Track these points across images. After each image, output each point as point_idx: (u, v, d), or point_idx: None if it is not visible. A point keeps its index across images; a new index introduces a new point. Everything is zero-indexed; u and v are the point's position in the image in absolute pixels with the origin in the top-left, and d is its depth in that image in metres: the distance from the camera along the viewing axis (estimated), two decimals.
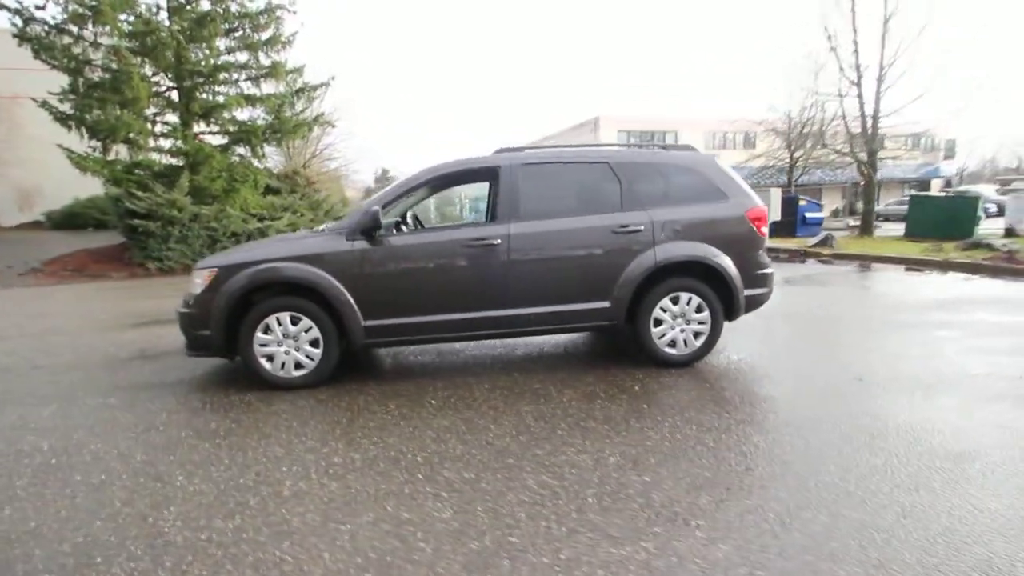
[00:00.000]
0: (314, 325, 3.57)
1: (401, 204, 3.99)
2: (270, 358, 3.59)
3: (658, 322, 3.85)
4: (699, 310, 3.87)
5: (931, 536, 1.86)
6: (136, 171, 14.42)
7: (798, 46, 23.45)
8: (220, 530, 2.03)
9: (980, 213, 14.04)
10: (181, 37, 13.64)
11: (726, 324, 3.96)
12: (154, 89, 14.41)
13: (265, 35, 16.06)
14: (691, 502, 2.12)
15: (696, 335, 3.89)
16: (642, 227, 3.77)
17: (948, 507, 2.04)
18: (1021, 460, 2.40)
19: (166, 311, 7.22)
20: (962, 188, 29.83)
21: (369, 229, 3.57)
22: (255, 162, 16.61)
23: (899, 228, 15.03)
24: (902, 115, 14.91)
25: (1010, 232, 12.98)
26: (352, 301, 3.56)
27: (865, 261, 10.31)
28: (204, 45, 14.57)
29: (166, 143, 15.37)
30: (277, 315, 3.55)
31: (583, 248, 3.78)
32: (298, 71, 16.89)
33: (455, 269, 3.69)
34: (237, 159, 16.13)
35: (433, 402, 3.34)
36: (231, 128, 15.80)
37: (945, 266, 8.87)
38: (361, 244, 3.59)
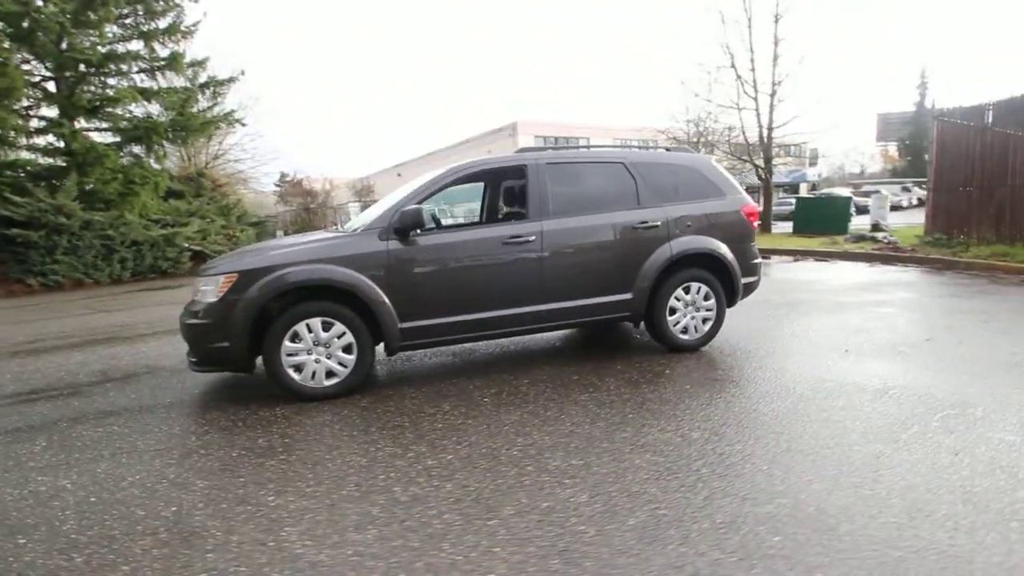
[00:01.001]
0: (348, 330, 3.39)
1: (429, 203, 3.91)
2: (298, 368, 3.35)
3: (672, 311, 4.13)
4: (706, 298, 4.21)
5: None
6: (8, 172, 12.38)
7: (694, 62, 25.72)
8: (362, 542, 1.91)
9: (851, 211, 16.40)
10: (65, 21, 11.93)
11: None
12: (28, 79, 12.47)
13: (163, 23, 14.57)
14: (788, 461, 2.36)
15: (704, 321, 4.23)
16: (659, 223, 4.03)
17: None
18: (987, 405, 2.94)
19: (90, 329, 6.37)
20: (826, 191, 34.23)
21: (406, 229, 3.47)
22: (154, 163, 14.95)
23: (786, 225, 17.04)
24: (787, 127, 16.98)
25: (876, 227, 15.22)
26: (389, 303, 3.43)
27: (779, 254, 11.61)
28: (93, 31, 12.86)
29: (43, 140, 13.36)
30: (307, 321, 3.33)
31: (608, 243, 3.95)
32: (200, 64, 15.52)
33: (492, 266, 3.69)
34: (132, 160, 14.42)
35: (486, 400, 3.32)
36: (125, 125, 14.11)
37: (846, 256, 10.27)
38: (395, 244, 3.47)
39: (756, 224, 4.44)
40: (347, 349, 3.42)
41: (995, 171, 9.57)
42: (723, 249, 4.19)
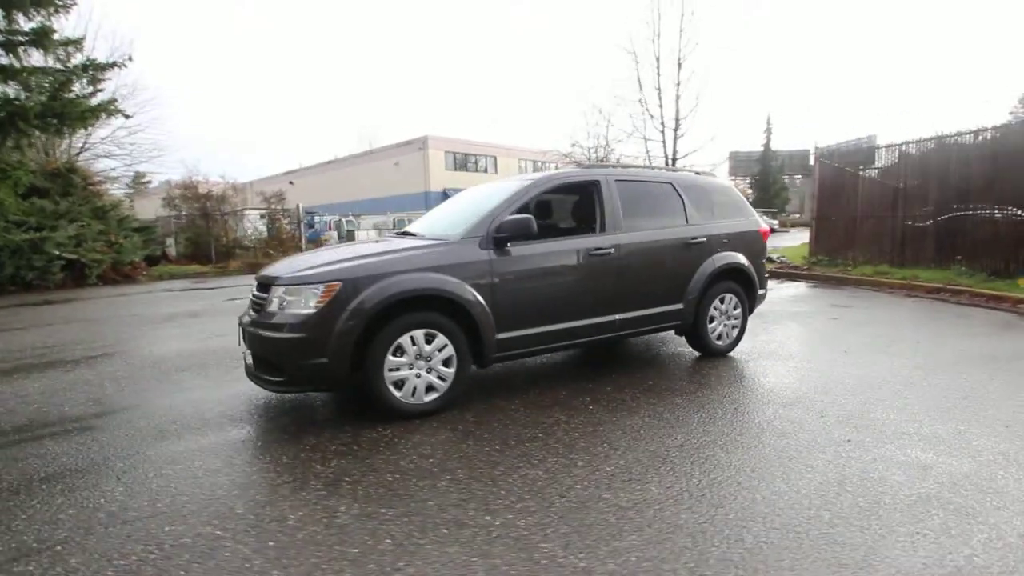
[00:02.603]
0: (449, 342, 3.22)
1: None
2: (398, 384, 3.11)
3: (711, 319, 4.50)
4: (735, 307, 4.66)
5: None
6: None
7: (604, 93, 27.79)
8: (632, 547, 1.88)
9: None
10: None
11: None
12: None
13: None
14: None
15: (733, 328, 4.67)
16: (704, 239, 4.39)
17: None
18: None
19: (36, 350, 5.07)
20: None
21: (506, 239, 3.40)
22: (14, 155, 12.47)
23: None
24: (687, 159, 19.07)
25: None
26: (491, 313, 3.32)
27: None
28: None
29: None
30: (411, 333, 3.10)
31: (668, 257, 4.21)
32: (76, 43, 13.35)
33: (579, 277, 3.74)
34: None
35: (591, 407, 3.35)
36: None
37: None
38: (494, 254, 3.39)
39: (767, 243, 5.03)
40: (447, 362, 3.24)
41: (863, 204, 11.72)
42: (749, 264, 4.68)
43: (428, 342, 3.16)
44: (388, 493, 2.30)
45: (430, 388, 3.22)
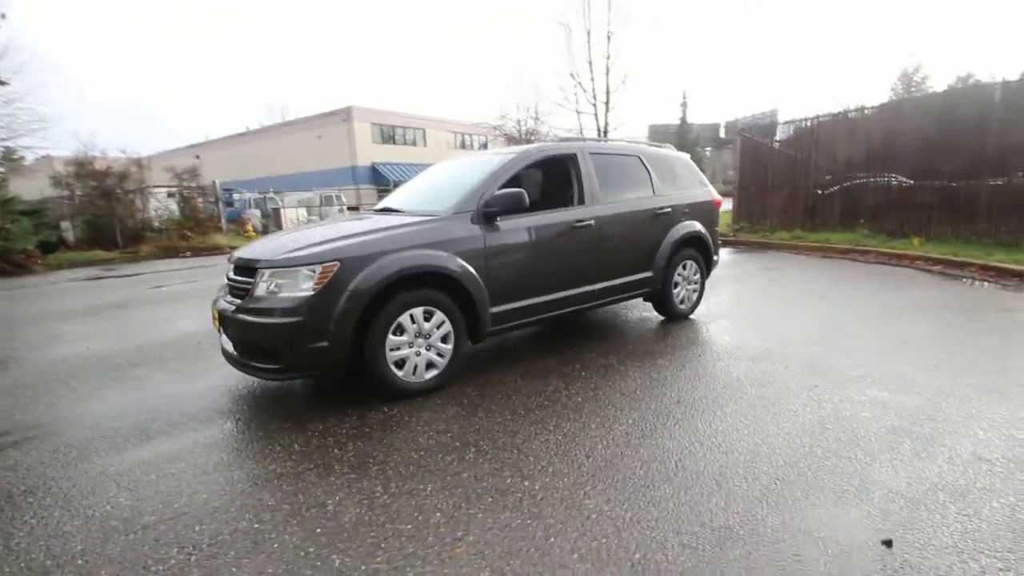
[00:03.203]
0: (447, 319, 3.22)
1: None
2: (398, 364, 3.07)
3: (675, 285, 4.79)
4: (695, 273, 4.98)
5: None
6: None
7: (536, 66, 27.72)
8: (661, 497, 2.05)
9: None
10: None
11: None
12: None
13: None
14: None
15: (693, 292, 5.00)
16: (670, 209, 4.63)
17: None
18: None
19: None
20: None
21: (496, 213, 3.40)
22: None
23: None
24: (615, 133, 19.65)
25: None
26: (484, 288, 3.34)
27: None
28: None
29: None
30: (411, 311, 3.06)
31: (640, 227, 4.40)
32: None
33: (563, 249, 3.82)
34: None
35: (584, 374, 3.50)
36: None
37: None
38: (484, 228, 3.38)
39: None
40: (445, 339, 3.24)
41: (775, 174, 12.73)
42: (706, 232, 5.00)
43: (427, 319, 3.14)
44: (420, 470, 2.32)
45: (430, 365, 3.21)
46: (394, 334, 3.02)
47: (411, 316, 3.07)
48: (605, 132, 18.89)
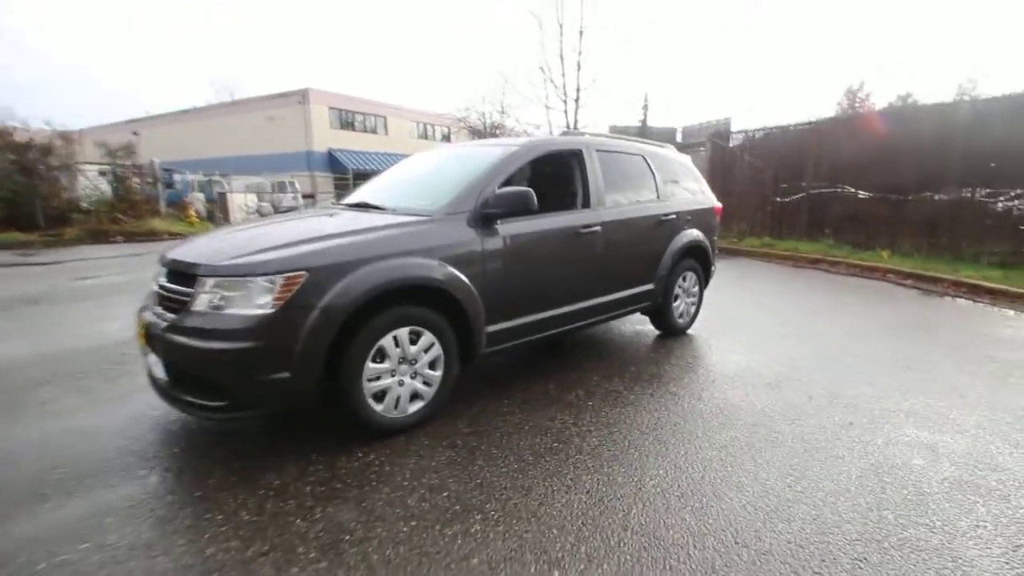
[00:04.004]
0: (436, 341, 2.67)
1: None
2: (378, 396, 2.51)
3: (675, 297, 4.41)
4: (695, 285, 4.62)
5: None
6: None
7: (508, 60, 26.99)
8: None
9: None
10: None
11: None
12: None
13: None
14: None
15: (692, 305, 4.64)
16: (675, 216, 4.23)
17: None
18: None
19: None
20: None
21: (494, 215, 2.88)
22: None
23: None
24: (587, 130, 19.38)
25: None
26: (481, 304, 2.82)
27: None
28: None
29: None
30: (395, 333, 2.50)
31: (644, 235, 3.97)
32: None
33: (567, 258, 3.34)
34: None
35: (590, 403, 3.05)
36: None
37: None
38: (482, 233, 2.85)
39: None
40: (433, 364, 2.70)
41: (741, 182, 12.77)
42: (706, 241, 4.64)
43: (413, 342, 2.59)
44: (414, 554, 1.78)
45: (415, 396, 2.67)
46: (374, 361, 2.46)
47: (395, 339, 2.51)
48: (575, 127, 18.57)
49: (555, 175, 3.65)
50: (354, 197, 3.56)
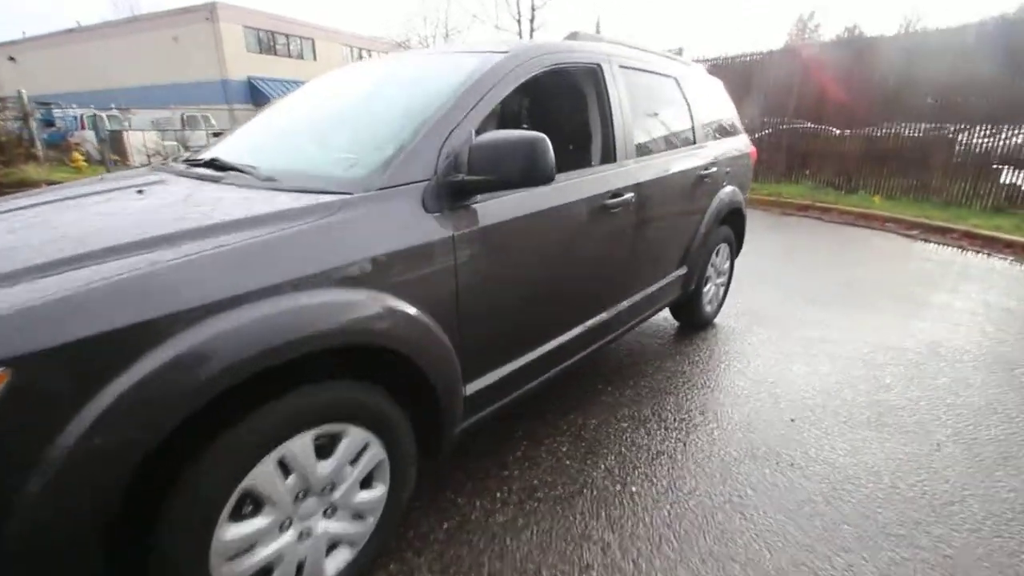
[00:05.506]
0: (374, 439, 1.38)
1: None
2: None
3: (706, 280, 3.26)
4: (725, 261, 3.48)
5: None
6: None
7: None
8: None
9: None
10: None
11: None
12: None
13: None
14: None
15: (720, 287, 3.51)
16: (715, 169, 2.98)
17: None
18: None
19: None
20: None
21: (466, 188, 1.51)
22: None
23: None
24: None
25: None
26: (455, 353, 1.52)
27: None
28: None
29: None
30: (283, 451, 1.19)
31: (682, 199, 2.71)
32: None
33: (589, 247, 2.05)
34: None
35: (634, 491, 1.89)
36: None
37: None
38: (447, 218, 1.50)
39: None
40: (368, 481, 1.43)
41: None
42: (743, 201, 3.46)
43: (323, 455, 1.30)
44: None
45: (335, 544, 1.41)
46: (238, 517, 1.16)
47: (281, 463, 1.21)
48: None
49: (560, 108, 2.27)
50: (208, 151, 2.02)
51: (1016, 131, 8.31)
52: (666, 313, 3.35)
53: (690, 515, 1.80)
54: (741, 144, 3.45)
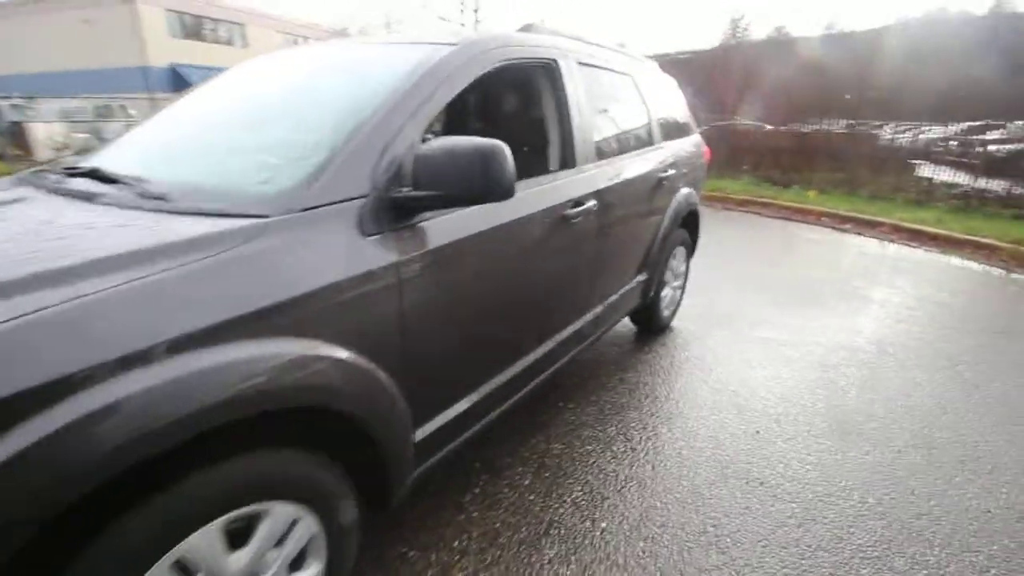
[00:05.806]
0: (305, 511, 1.15)
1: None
2: None
3: (663, 284, 3.16)
4: (682, 263, 3.41)
5: None
6: None
7: None
8: None
9: None
10: None
11: None
12: None
13: None
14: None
15: (677, 290, 3.44)
16: (673, 171, 2.87)
17: None
18: None
19: None
20: None
21: (410, 205, 1.28)
22: None
23: None
24: None
25: None
26: (403, 400, 1.30)
27: None
28: None
29: None
30: (184, 549, 0.94)
31: (642, 204, 2.57)
32: None
33: (548, 262, 1.86)
34: None
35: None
36: None
37: None
38: (389, 242, 1.27)
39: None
40: (299, 562, 1.19)
41: None
42: (697, 202, 3.39)
43: (238, 542, 1.05)
44: None
45: None
46: None
47: (182, 562, 0.95)
48: None
49: (515, 108, 2.07)
50: (88, 158, 1.67)
51: (927, 128, 8.91)
52: (624, 318, 3.24)
53: (664, 553, 1.67)
54: (697, 144, 3.38)
